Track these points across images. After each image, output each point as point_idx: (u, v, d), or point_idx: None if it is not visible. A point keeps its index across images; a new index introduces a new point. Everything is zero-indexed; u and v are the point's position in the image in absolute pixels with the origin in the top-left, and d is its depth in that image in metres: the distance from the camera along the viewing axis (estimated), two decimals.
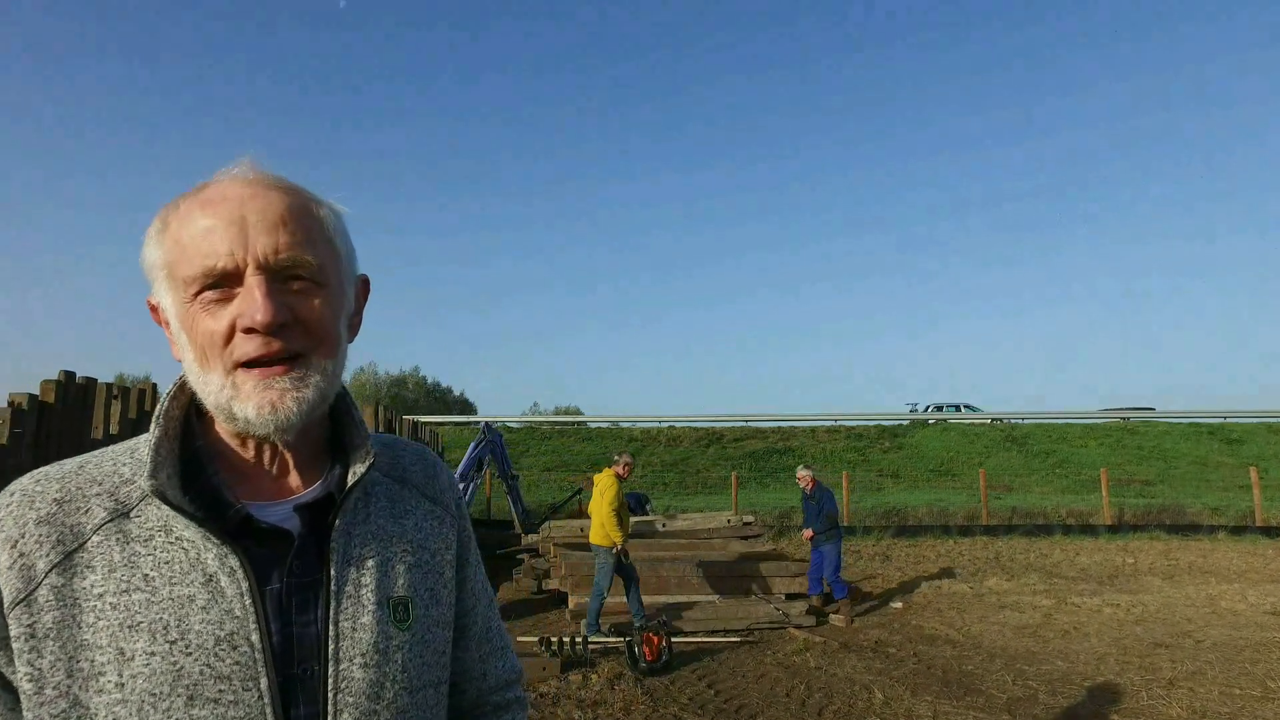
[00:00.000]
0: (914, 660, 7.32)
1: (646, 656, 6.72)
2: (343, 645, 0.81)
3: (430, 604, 0.91)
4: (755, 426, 29.87)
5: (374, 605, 0.84)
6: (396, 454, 1.01)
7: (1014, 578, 11.35)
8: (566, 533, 11.00)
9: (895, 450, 26.77)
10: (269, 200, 0.81)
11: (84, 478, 0.81)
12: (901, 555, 13.83)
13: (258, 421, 0.79)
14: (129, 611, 0.74)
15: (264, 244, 0.79)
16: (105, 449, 0.86)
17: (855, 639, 8.22)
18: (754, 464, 25.22)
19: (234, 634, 0.76)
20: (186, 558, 0.77)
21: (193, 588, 0.76)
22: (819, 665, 7.16)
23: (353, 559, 0.85)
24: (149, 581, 0.76)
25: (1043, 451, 26.00)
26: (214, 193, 0.81)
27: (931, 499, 19.62)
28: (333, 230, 0.88)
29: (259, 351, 0.79)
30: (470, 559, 1.04)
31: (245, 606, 0.77)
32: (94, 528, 0.77)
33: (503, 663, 1.07)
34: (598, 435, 31.04)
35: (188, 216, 0.80)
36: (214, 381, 0.80)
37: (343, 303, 0.88)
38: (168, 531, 0.78)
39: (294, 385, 0.80)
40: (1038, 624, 8.75)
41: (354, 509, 0.89)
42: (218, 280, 0.79)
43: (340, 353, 0.87)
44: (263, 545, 0.81)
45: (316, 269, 0.83)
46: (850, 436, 28.34)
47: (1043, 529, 15.59)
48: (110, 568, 0.75)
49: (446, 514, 1.00)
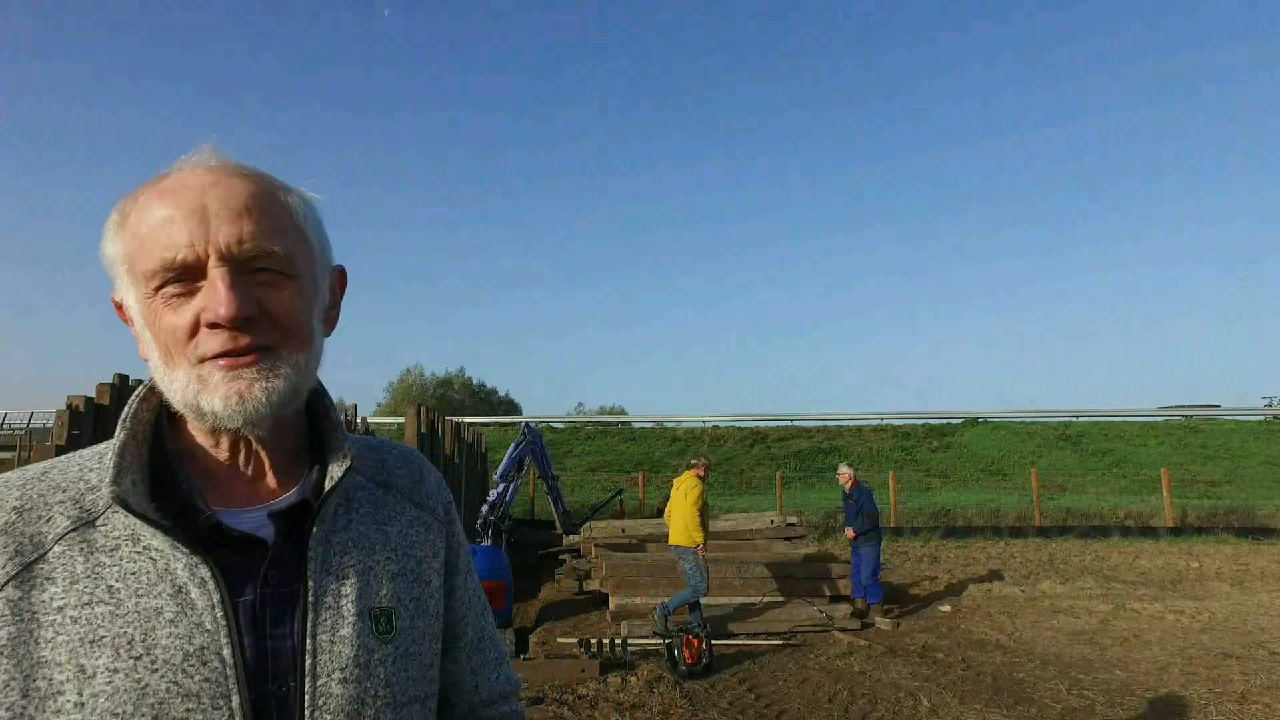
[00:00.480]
0: (962, 666, 7.10)
1: (686, 659, 6.65)
2: (320, 659, 0.77)
3: (415, 615, 0.86)
4: (800, 426, 29.55)
5: (354, 617, 0.80)
6: (381, 457, 0.96)
7: (1068, 581, 10.97)
8: (608, 533, 10.98)
9: (944, 450, 26.22)
10: (231, 188, 0.77)
11: (47, 484, 0.77)
12: (950, 557, 13.51)
13: (225, 414, 0.75)
14: (91, 625, 0.70)
15: (227, 233, 0.75)
16: (73, 453, 0.82)
17: (901, 643, 8.02)
18: (799, 464, 24.95)
19: (204, 649, 0.71)
20: (154, 568, 0.73)
21: (160, 599, 0.72)
22: (863, 670, 7.00)
23: (332, 568, 0.81)
24: (113, 593, 0.71)
25: (1098, 450, 25.19)
26: (173, 181, 0.77)
27: (981, 499, 19.16)
28: (302, 218, 0.83)
29: (225, 347, 0.75)
30: (460, 566, 0.99)
31: (216, 619, 0.73)
32: (56, 537, 0.73)
33: (497, 674, 1.02)
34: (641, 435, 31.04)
35: (146, 207, 0.76)
36: (179, 378, 0.76)
37: (315, 294, 0.84)
38: (135, 541, 0.74)
39: (262, 375, 0.76)
40: (1094, 630, 8.43)
41: (334, 515, 0.84)
42: (179, 273, 0.75)
43: (314, 347, 0.83)
44: (236, 554, 0.77)
45: (284, 259, 0.78)
46: (897, 435, 27.85)
47: (1099, 531, 15.08)
48: (72, 579, 0.71)
49: (434, 520, 0.95)
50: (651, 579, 9.21)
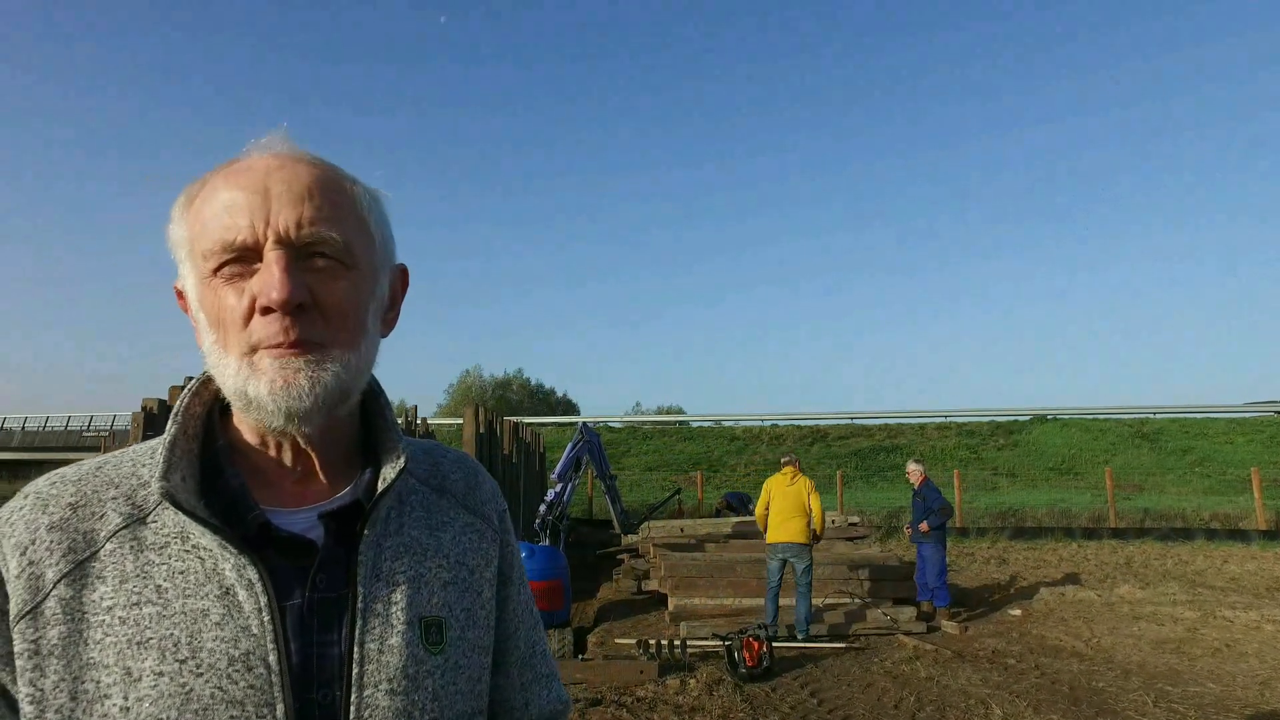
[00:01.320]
0: (1036, 673, 6.81)
1: (747, 662, 6.54)
2: (368, 669, 0.74)
3: (466, 626, 0.83)
4: (861, 424, 29.00)
5: (404, 625, 0.77)
6: (436, 460, 0.93)
7: (1149, 586, 10.46)
8: (666, 533, 10.92)
9: (1010, 447, 25.41)
10: (296, 172, 0.76)
11: (101, 480, 0.76)
12: (1019, 558, 13.06)
13: (270, 401, 0.73)
14: (138, 626, 0.68)
15: (286, 216, 0.74)
16: (128, 449, 0.81)
17: (970, 648, 7.75)
18: (860, 462, 24.51)
19: (250, 654, 0.69)
20: (203, 568, 0.72)
21: (207, 601, 0.70)
22: (930, 675, 6.77)
23: (382, 574, 0.78)
24: (161, 593, 0.70)
25: (1178, 449, 24.05)
26: (240, 165, 0.77)
27: (1052, 499, 18.49)
28: (365, 210, 0.81)
29: (278, 338, 0.73)
30: (514, 577, 0.95)
31: (263, 624, 0.70)
32: (108, 534, 0.72)
33: (547, 692, 0.97)
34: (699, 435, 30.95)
35: (211, 190, 0.76)
36: (230, 364, 0.74)
37: (373, 290, 0.81)
38: (184, 539, 0.73)
39: (309, 366, 0.74)
40: (1181, 639, 7.99)
41: (385, 519, 0.81)
42: (237, 254, 0.74)
43: (366, 345, 0.80)
44: (284, 556, 0.74)
45: (342, 246, 0.76)
46: (962, 433, 27.10)
47: (1181, 533, 14.38)
48: (122, 578, 0.70)
49: (488, 527, 0.92)
50: (710, 579, 9.12)
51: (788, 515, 8.05)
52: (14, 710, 0.69)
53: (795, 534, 7.98)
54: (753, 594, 8.93)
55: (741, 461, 26.65)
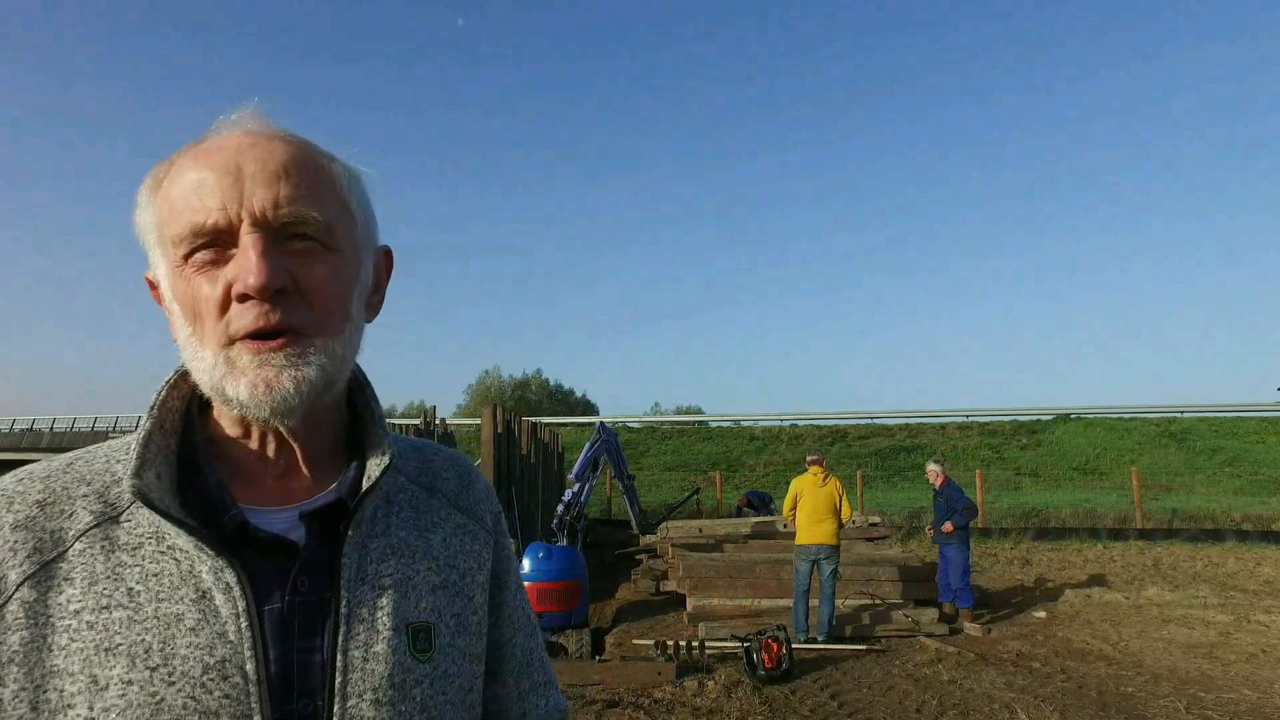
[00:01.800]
0: (1062, 677, 6.67)
1: (765, 664, 6.46)
2: (352, 677, 0.70)
3: (457, 632, 0.79)
4: (882, 424, 28.76)
5: (390, 631, 0.73)
6: (427, 458, 0.89)
7: (1179, 588, 10.23)
8: (684, 533, 10.86)
9: (1034, 447, 25.09)
10: (270, 149, 0.72)
11: (71, 476, 0.72)
12: (1043, 559, 12.85)
13: (251, 402, 0.69)
14: (107, 632, 0.64)
15: (262, 196, 0.69)
16: (103, 444, 0.77)
17: (993, 650, 7.61)
18: (880, 462, 24.31)
19: (225, 661, 0.65)
20: (178, 570, 0.68)
21: (182, 605, 0.66)
22: (952, 679, 6.65)
23: (367, 576, 0.74)
24: (133, 597, 0.66)
25: (1207, 448, 23.60)
26: (210, 144, 0.72)
27: (1077, 499, 18.22)
28: (346, 189, 0.77)
29: (255, 324, 0.68)
30: (509, 582, 0.91)
31: (240, 629, 0.66)
32: (77, 534, 0.68)
33: (545, 701, 0.94)
34: (718, 435, 30.86)
35: (180, 171, 0.72)
36: (206, 358, 0.70)
37: (356, 273, 0.77)
38: (159, 539, 0.69)
39: (291, 362, 0.70)
40: (1213, 643, 7.79)
41: (372, 519, 0.77)
42: (210, 239, 0.69)
43: (350, 331, 0.76)
44: (264, 557, 0.70)
45: (323, 227, 0.72)
46: (984, 433, 26.81)
47: (1211, 534, 14.08)
48: (91, 580, 0.66)
49: (481, 529, 0.88)
50: (729, 580, 9.04)
51: (820, 517, 7.97)
52: None
53: (828, 536, 7.91)
54: (772, 595, 8.84)
55: (761, 461, 26.52)
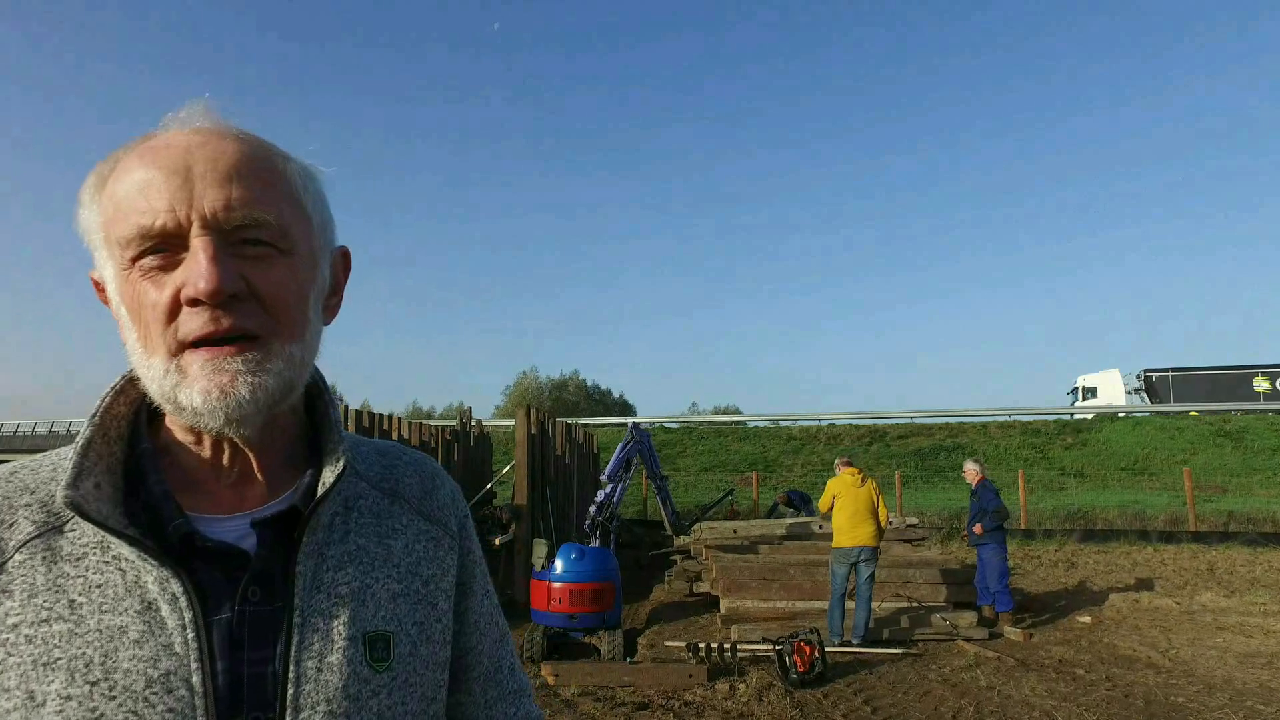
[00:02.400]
0: (1107, 685, 6.47)
1: (798, 667, 6.38)
2: (304, 689, 0.67)
3: (419, 640, 0.77)
4: (921, 423, 28.27)
5: (345, 641, 0.71)
6: (390, 463, 0.87)
7: (1235, 594, 9.86)
8: (719, 535, 10.79)
9: (1079, 446, 24.42)
10: (221, 149, 0.69)
11: (14, 485, 0.70)
12: (1089, 562, 12.47)
13: (205, 410, 0.67)
14: (46, 645, 0.63)
15: (212, 198, 0.67)
16: (50, 452, 0.75)
17: (1034, 656, 7.42)
18: (920, 462, 23.89)
19: (170, 674, 0.63)
20: (123, 581, 0.66)
21: (126, 617, 0.64)
22: (991, 684, 6.49)
23: (323, 585, 0.72)
24: (75, 609, 0.64)
25: (1266, 448, 22.74)
26: (157, 141, 0.70)
27: (1124, 500, 17.68)
28: (300, 190, 0.75)
29: (207, 329, 0.66)
30: (475, 588, 0.89)
31: (187, 640, 0.65)
32: (17, 544, 0.66)
33: (515, 709, 0.91)
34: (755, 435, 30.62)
35: (125, 169, 0.69)
36: (156, 366, 0.68)
37: (314, 276, 0.75)
38: (104, 549, 0.67)
39: (248, 368, 0.68)
40: (1273, 653, 7.48)
41: (329, 525, 0.75)
42: (158, 242, 0.67)
43: (309, 336, 0.74)
44: (215, 568, 0.68)
45: (277, 231, 0.70)
46: (1026, 432, 26.17)
47: (1272, 538, 13.53)
48: (30, 592, 0.64)
49: (445, 535, 0.85)
50: (763, 581, 8.96)
51: (861, 518, 7.88)
52: None
53: (868, 537, 7.81)
54: (806, 597, 8.74)
55: (798, 462, 26.24)
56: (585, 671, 6.39)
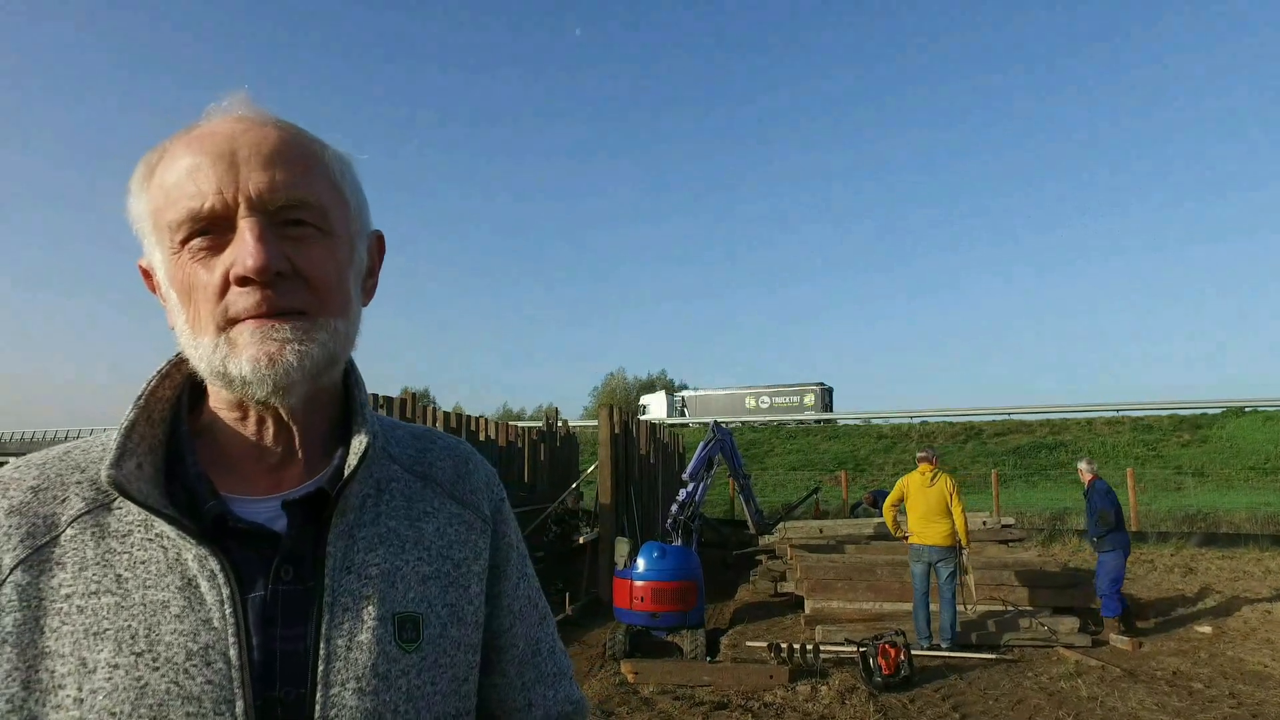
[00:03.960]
0: (1230, 701, 5.99)
1: (883, 670, 6.20)
2: (335, 666, 0.70)
3: (449, 622, 0.79)
4: (1019, 419, 27.02)
5: (375, 621, 0.73)
6: (424, 446, 0.89)
7: None
8: (804, 534, 10.62)
9: (1197, 444, 22.81)
10: (264, 134, 0.73)
11: (66, 464, 0.74)
12: (1211, 568, 11.63)
13: (255, 378, 0.70)
14: (96, 616, 0.67)
15: (257, 180, 0.70)
16: (99, 435, 0.79)
17: (1144, 666, 6.96)
18: (1019, 461, 22.85)
19: (209, 648, 0.67)
20: (165, 558, 0.70)
21: (168, 592, 0.68)
22: (1093, 695, 6.12)
23: (353, 566, 0.75)
24: (121, 583, 0.68)
25: None
26: (201, 130, 0.74)
27: (1254, 502, 16.41)
28: (338, 174, 0.78)
29: (255, 309, 0.70)
30: (509, 571, 0.90)
31: (224, 616, 0.68)
32: (69, 520, 0.71)
33: (554, 692, 0.91)
34: (845, 433, 30.00)
35: (172, 157, 0.72)
36: (205, 344, 0.71)
37: (352, 257, 0.78)
38: (147, 527, 0.71)
39: (295, 337, 0.71)
40: None
41: (360, 507, 0.78)
42: (206, 224, 0.70)
43: (351, 312, 0.77)
44: (249, 547, 0.72)
45: (318, 212, 0.74)
46: (1138, 428, 24.63)
47: None
48: (81, 565, 0.69)
49: (478, 518, 0.87)
50: (849, 582, 8.77)
51: (930, 518, 7.60)
52: None
53: (940, 537, 7.51)
54: (894, 598, 8.49)
55: (889, 460, 25.56)
56: (665, 670, 6.41)
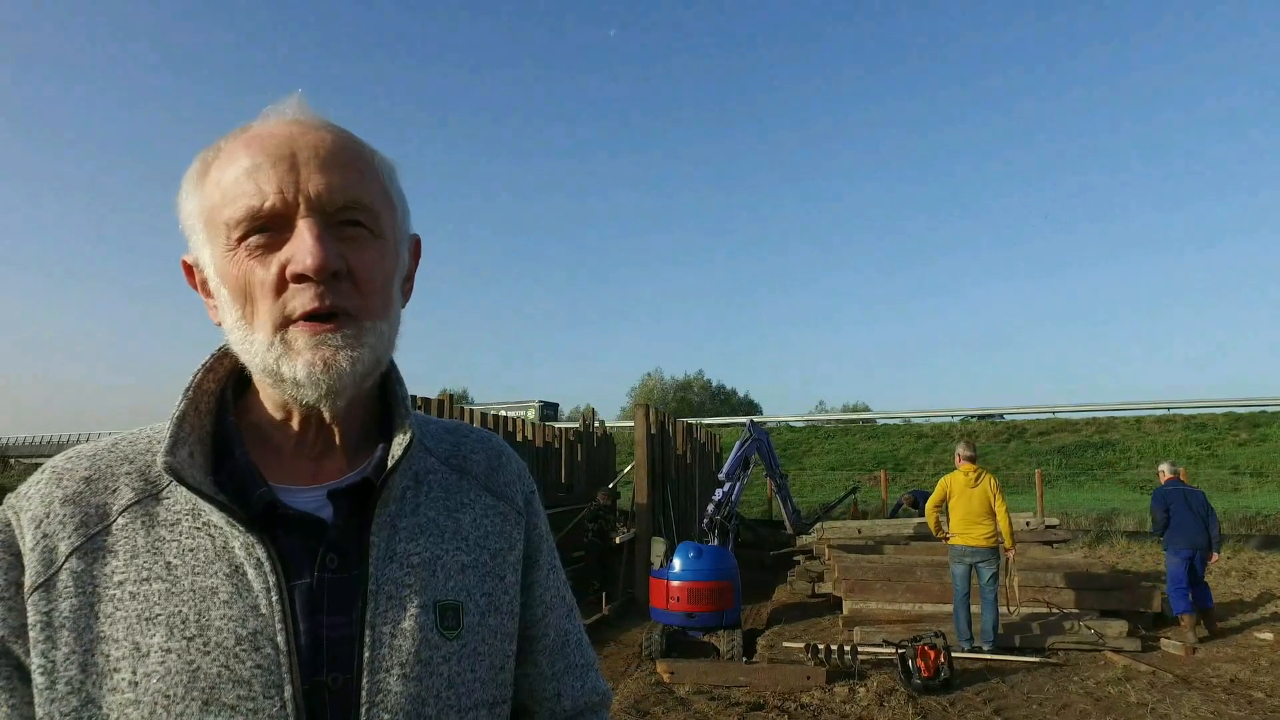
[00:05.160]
0: None
1: (922, 672, 6.11)
2: (379, 652, 0.72)
3: (487, 611, 0.80)
4: (1064, 418, 26.38)
5: (417, 609, 0.75)
6: (458, 440, 0.91)
7: None
8: (842, 534, 10.51)
9: (1256, 442, 21.98)
10: (320, 138, 0.75)
11: (115, 455, 0.76)
12: (1271, 572, 11.23)
13: (308, 381, 0.72)
14: (148, 602, 0.69)
15: (317, 182, 0.72)
16: (145, 426, 0.81)
17: (1199, 673, 6.73)
18: (1064, 460, 22.30)
19: (257, 633, 0.69)
20: (213, 545, 0.72)
21: (216, 579, 0.70)
22: (1143, 701, 5.95)
23: (396, 555, 0.76)
24: (171, 570, 0.70)
25: None
26: (259, 130, 0.75)
27: None
28: (387, 179, 0.80)
29: (311, 306, 0.71)
30: (541, 562, 0.92)
31: (271, 603, 0.70)
32: (120, 509, 0.73)
33: (582, 683, 0.93)
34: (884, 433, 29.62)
35: (230, 156, 0.74)
36: (259, 340, 0.73)
37: (397, 260, 0.80)
38: (195, 516, 0.73)
39: (346, 343, 0.73)
40: None
41: (401, 498, 0.80)
42: (265, 222, 0.72)
43: (394, 315, 0.79)
44: (295, 535, 0.74)
45: (372, 214, 0.76)
46: (1190, 427, 23.85)
47: None
48: (133, 553, 0.71)
49: (512, 510, 0.89)
50: (888, 583, 8.66)
51: (972, 519, 7.46)
52: (26, 682, 0.69)
53: (982, 538, 7.37)
54: (934, 600, 8.36)
55: (930, 460, 25.16)
56: (701, 670, 6.40)
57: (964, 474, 7.72)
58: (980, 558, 7.37)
